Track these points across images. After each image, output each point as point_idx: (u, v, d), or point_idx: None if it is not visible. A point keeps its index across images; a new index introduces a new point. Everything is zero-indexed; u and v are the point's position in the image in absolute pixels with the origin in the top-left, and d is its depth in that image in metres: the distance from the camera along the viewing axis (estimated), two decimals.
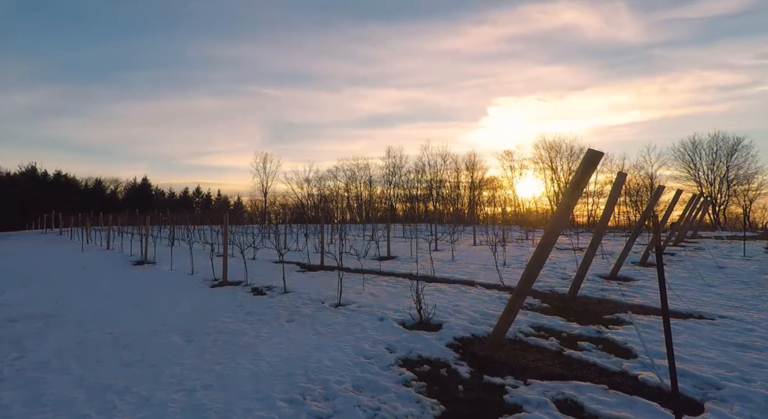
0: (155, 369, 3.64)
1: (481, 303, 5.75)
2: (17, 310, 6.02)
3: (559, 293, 6.42)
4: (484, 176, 46.00)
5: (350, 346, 4.05)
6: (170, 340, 4.43)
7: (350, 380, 3.29)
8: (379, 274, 8.51)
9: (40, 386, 3.36)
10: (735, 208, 38.17)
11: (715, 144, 37.55)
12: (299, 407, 2.88)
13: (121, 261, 12.09)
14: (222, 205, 62.50)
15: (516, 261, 10.12)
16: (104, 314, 5.70)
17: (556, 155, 41.90)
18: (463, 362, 3.68)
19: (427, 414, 2.79)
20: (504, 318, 3.99)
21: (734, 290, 6.62)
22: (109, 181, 61.37)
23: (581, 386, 3.11)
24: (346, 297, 5.98)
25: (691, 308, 5.39)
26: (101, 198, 55.45)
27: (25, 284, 8.45)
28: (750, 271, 8.54)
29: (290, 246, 13.73)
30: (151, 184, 63.99)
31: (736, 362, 3.54)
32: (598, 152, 3.49)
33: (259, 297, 6.47)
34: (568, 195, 3.80)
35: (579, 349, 3.95)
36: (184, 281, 8.29)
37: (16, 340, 4.60)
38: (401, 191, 48.89)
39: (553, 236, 3.77)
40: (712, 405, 2.82)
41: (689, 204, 14.21)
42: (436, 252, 12.18)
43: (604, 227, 6.80)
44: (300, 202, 50.46)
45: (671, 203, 10.52)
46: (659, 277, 2.64)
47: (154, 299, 6.63)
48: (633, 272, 8.39)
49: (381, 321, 4.89)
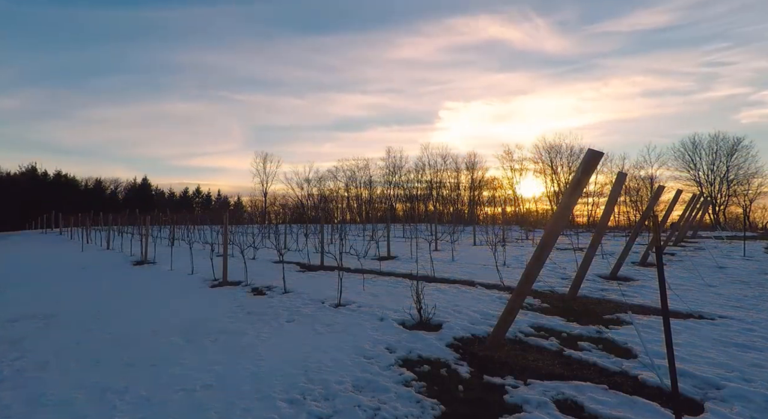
0: (155, 369, 3.64)
1: (481, 303, 5.75)
2: (17, 310, 6.02)
3: (559, 293, 6.41)
4: (484, 176, 46.04)
5: (350, 346, 4.05)
6: (170, 340, 4.43)
7: (350, 380, 3.29)
8: (379, 274, 8.50)
9: (40, 386, 3.36)
10: (735, 208, 38.19)
11: (715, 144, 37.59)
12: (299, 407, 2.88)
13: (121, 261, 12.09)
14: (222, 205, 62.52)
15: (516, 261, 10.12)
16: (104, 314, 5.70)
17: (556, 155, 41.93)
18: (463, 362, 3.67)
19: (427, 414, 2.79)
20: (504, 318, 3.99)
21: (734, 290, 6.62)
22: (109, 181, 61.44)
23: (581, 386, 3.11)
24: (346, 297, 5.98)
25: (691, 308, 5.39)
26: (101, 198, 55.47)
27: (25, 284, 8.45)
28: (750, 271, 8.54)
29: (290, 246, 13.72)
30: (151, 184, 64.09)
31: (737, 362, 3.54)
32: (598, 152, 3.50)
33: (259, 297, 6.47)
34: (567, 195, 3.80)
35: (579, 349, 3.94)
36: (184, 281, 8.29)
37: (16, 340, 4.60)
38: (401, 191, 48.92)
39: (553, 236, 3.77)
40: (712, 405, 2.82)
41: (689, 204, 14.21)
42: (436, 252, 12.18)
43: (604, 227, 6.80)
44: (300, 202, 50.48)
45: (671, 203, 10.53)
46: (659, 277, 2.64)
47: (154, 299, 6.63)
48: (633, 272, 8.39)
49: (381, 320, 4.89)
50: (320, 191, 51.08)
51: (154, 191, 64.32)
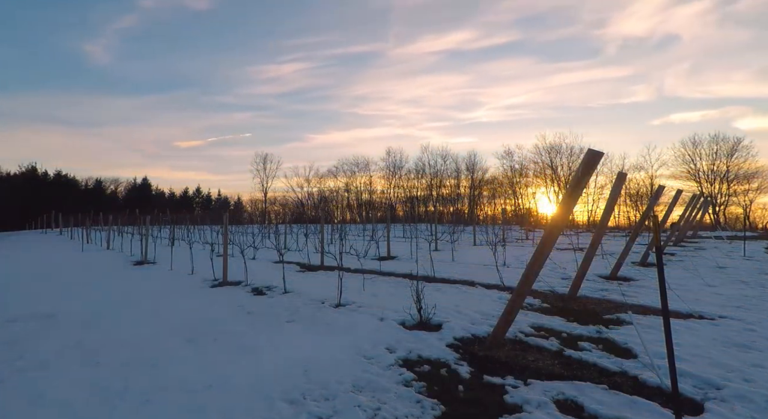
0: (155, 369, 3.64)
1: (481, 303, 5.75)
2: (17, 310, 6.01)
3: (559, 293, 6.41)
4: (484, 177, 46.05)
5: (350, 346, 4.05)
6: (170, 340, 4.43)
7: (350, 380, 3.28)
8: (379, 274, 8.50)
9: (40, 386, 3.36)
10: (735, 208, 38.20)
11: (715, 144, 37.61)
12: (299, 407, 2.88)
13: (121, 261, 12.09)
14: (222, 205, 62.51)
15: (516, 261, 10.12)
16: (104, 314, 5.69)
17: (557, 155, 41.94)
18: (463, 362, 3.67)
19: (427, 414, 2.79)
20: (504, 318, 3.98)
21: (734, 290, 6.61)
22: (109, 181, 61.45)
23: (581, 386, 3.11)
24: (346, 297, 5.98)
25: (691, 308, 5.39)
26: (101, 198, 55.47)
27: (25, 284, 8.45)
28: (750, 271, 8.54)
29: (290, 246, 13.73)
30: (151, 184, 64.10)
31: (737, 362, 3.54)
32: (598, 152, 3.49)
33: (259, 297, 6.46)
34: (568, 195, 3.80)
35: (579, 349, 3.94)
36: (184, 281, 8.29)
37: (16, 340, 4.59)
38: (401, 191, 48.94)
39: (553, 236, 3.77)
40: (712, 405, 2.81)
41: (689, 204, 14.21)
42: (436, 252, 12.18)
43: (604, 227, 6.80)
44: (300, 202, 50.49)
45: (671, 203, 10.53)
46: (659, 277, 2.64)
47: (154, 299, 6.63)
48: (633, 272, 8.39)
49: (381, 320, 4.89)
50: (320, 191, 51.13)
51: (154, 191, 64.35)
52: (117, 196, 60.49)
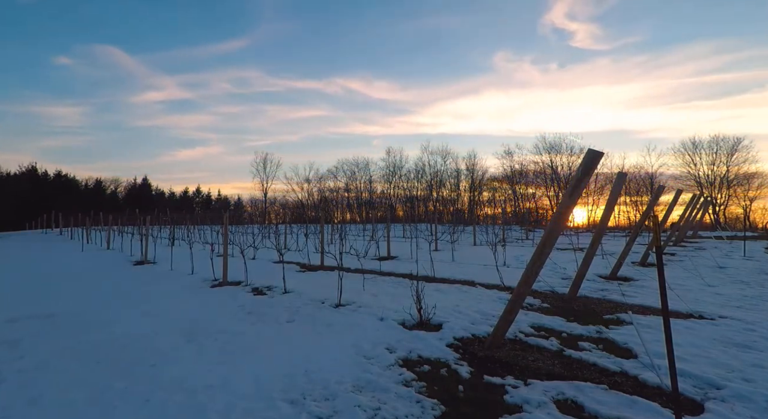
0: (155, 369, 3.64)
1: (481, 303, 5.75)
2: (17, 310, 6.01)
3: (559, 293, 6.41)
4: (484, 177, 46.04)
5: (350, 346, 4.05)
6: (170, 340, 4.43)
7: (350, 380, 3.28)
8: (380, 274, 8.50)
9: (40, 386, 3.36)
10: (735, 208, 38.21)
11: (715, 144, 37.61)
12: (299, 407, 2.88)
13: (121, 261, 12.09)
14: (222, 205, 62.53)
15: (516, 261, 10.12)
16: (104, 313, 5.69)
17: (557, 155, 41.91)
18: (463, 362, 3.67)
19: (427, 414, 2.79)
20: (504, 318, 3.98)
21: (734, 290, 6.61)
22: (109, 181, 61.47)
23: (581, 386, 3.11)
24: (346, 297, 5.98)
25: (691, 308, 5.39)
26: (101, 198, 55.49)
27: (25, 284, 8.45)
28: (750, 271, 8.54)
29: (290, 246, 13.72)
30: (151, 184, 64.11)
31: (737, 362, 3.54)
32: (598, 152, 3.50)
33: (260, 297, 6.46)
34: (567, 195, 3.79)
35: (579, 349, 3.94)
36: (184, 281, 8.29)
37: (16, 340, 4.60)
38: (401, 191, 48.94)
39: (553, 236, 3.77)
40: (712, 405, 2.81)
41: (689, 204, 14.21)
42: (436, 252, 12.18)
43: (604, 227, 6.80)
44: (300, 202, 50.50)
45: (671, 203, 10.53)
46: (659, 277, 2.64)
47: (154, 299, 6.63)
48: (633, 272, 8.39)
49: (381, 320, 4.89)
50: (320, 191, 51.13)
51: (154, 191, 64.36)
52: (117, 196, 60.51)
